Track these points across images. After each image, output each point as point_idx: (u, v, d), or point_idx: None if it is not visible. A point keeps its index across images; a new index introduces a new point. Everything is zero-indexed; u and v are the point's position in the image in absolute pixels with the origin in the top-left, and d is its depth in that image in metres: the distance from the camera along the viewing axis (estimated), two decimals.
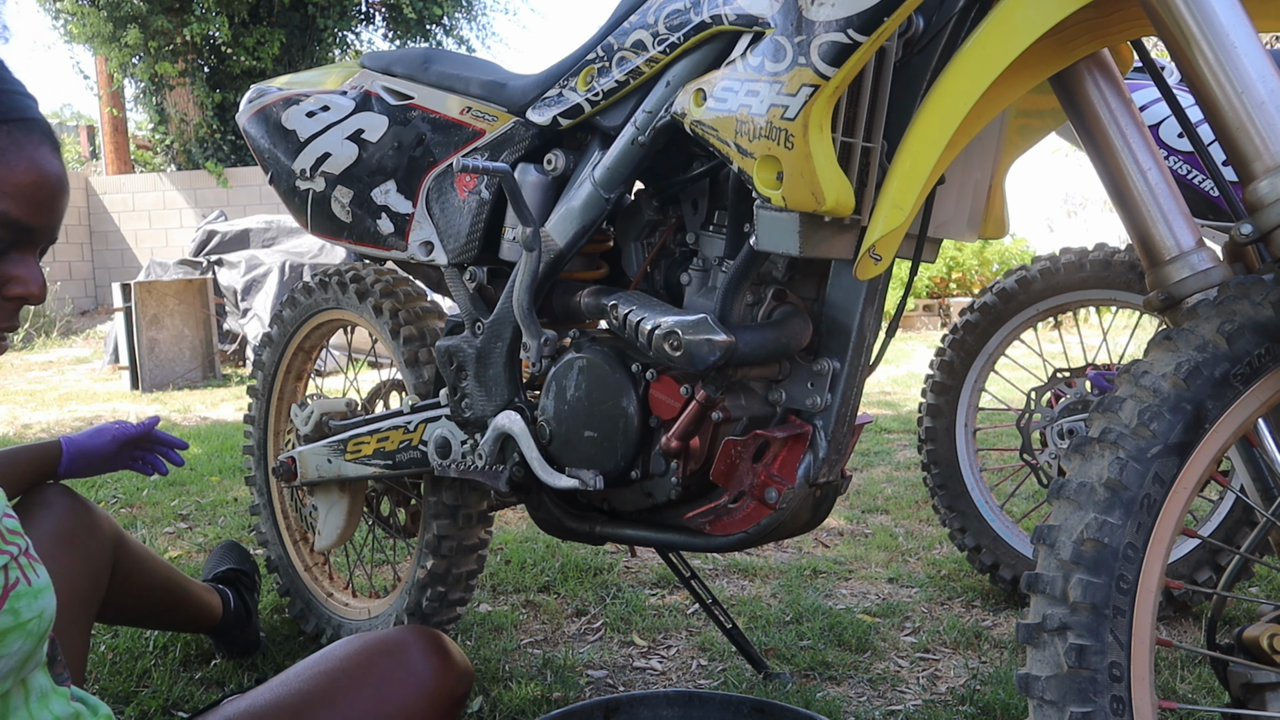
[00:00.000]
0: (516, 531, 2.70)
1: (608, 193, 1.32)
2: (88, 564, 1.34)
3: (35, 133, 0.83)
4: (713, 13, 1.16)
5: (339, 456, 1.72)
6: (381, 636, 1.02)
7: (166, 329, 6.17)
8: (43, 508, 1.35)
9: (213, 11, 10.78)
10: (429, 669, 0.99)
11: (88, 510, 1.40)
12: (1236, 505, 1.88)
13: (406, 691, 0.98)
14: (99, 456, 1.53)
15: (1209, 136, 1.56)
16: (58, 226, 0.87)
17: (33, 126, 0.84)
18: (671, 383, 1.28)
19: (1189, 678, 1.70)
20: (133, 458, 1.60)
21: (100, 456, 1.53)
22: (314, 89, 1.67)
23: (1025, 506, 2.73)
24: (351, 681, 0.96)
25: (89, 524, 1.38)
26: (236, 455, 3.79)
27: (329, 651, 1.01)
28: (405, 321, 1.68)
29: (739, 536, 1.27)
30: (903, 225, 1.07)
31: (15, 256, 0.83)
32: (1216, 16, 0.92)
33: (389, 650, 1.00)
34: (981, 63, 1.01)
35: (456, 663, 1.03)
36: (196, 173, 10.88)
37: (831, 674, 1.76)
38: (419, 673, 0.99)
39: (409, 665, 0.99)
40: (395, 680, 0.97)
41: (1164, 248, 1.05)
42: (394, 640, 1.01)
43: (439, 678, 1.00)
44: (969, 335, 2.18)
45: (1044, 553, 0.88)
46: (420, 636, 1.02)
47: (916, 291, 9.52)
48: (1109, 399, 0.89)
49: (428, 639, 1.02)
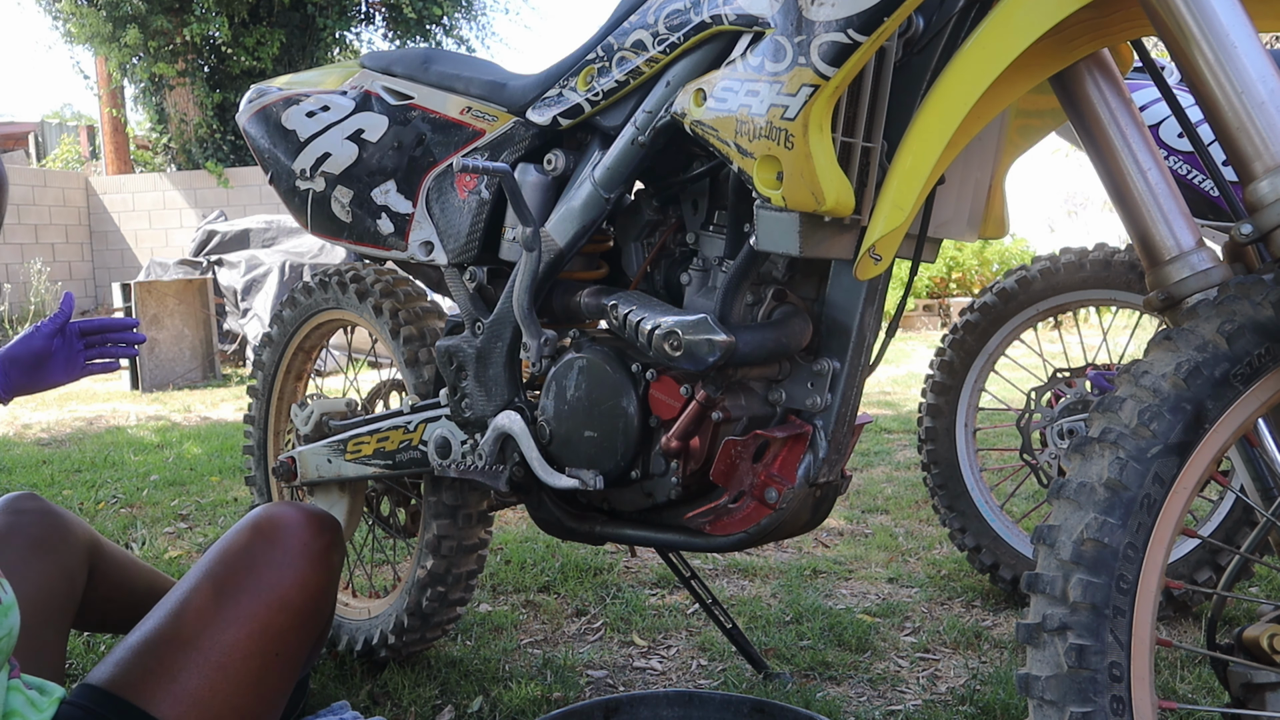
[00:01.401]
0: (516, 531, 2.70)
1: (608, 193, 1.32)
2: (61, 569, 1.34)
3: None
4: (713, 13, 1.16)
5: (339, 456, 1.72)
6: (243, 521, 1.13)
7: (167, 329, 6.17)
8: (14, 514, 1.35)
9: (213, 11, 10.77)
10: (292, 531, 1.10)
11: (59, 517, 1.40)
12: (1236, 505, 1.88)
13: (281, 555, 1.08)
14: (34, 357, 1.40)
15: (1209, 136, 1.56)
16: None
17: None
18: (671, 383, 1.28)
19: (1189, 678, 1.70)
20: (85, 357, 1.47)
21: (35, 356, 1.40)
22: (314, 89, 1.67)
23: (1025, 506, 2.74)
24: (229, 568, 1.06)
25: (61, 529, 1.38)
26: (236, 455, 3.79)
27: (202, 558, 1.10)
28: (405, 321, 1.68)
29: (739, 536, 1.27)
30: (903, 225, 1.07)
31: None
32: (1216, 16, 0.92)
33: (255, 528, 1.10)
34: (981, 63, 1.01)
35: (317, 517, 1.13)
36: (196, 173, 10.88)
37: (831, 674, 1.76)
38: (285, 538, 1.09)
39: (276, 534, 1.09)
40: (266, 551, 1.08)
41: (1164, 248, 1.05)
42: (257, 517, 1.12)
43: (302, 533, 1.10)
44: (969, 335, 2.18)
45: (1044, 553, 0.88)
46: (277, 507, 1.13)
47: (916, 291, 9.52)
48: (1109, 399, 0.89)
49: (284, 506, 1.13)
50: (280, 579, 1.06)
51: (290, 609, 1.05)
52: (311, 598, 1.08)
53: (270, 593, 1.04)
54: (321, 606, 1.11)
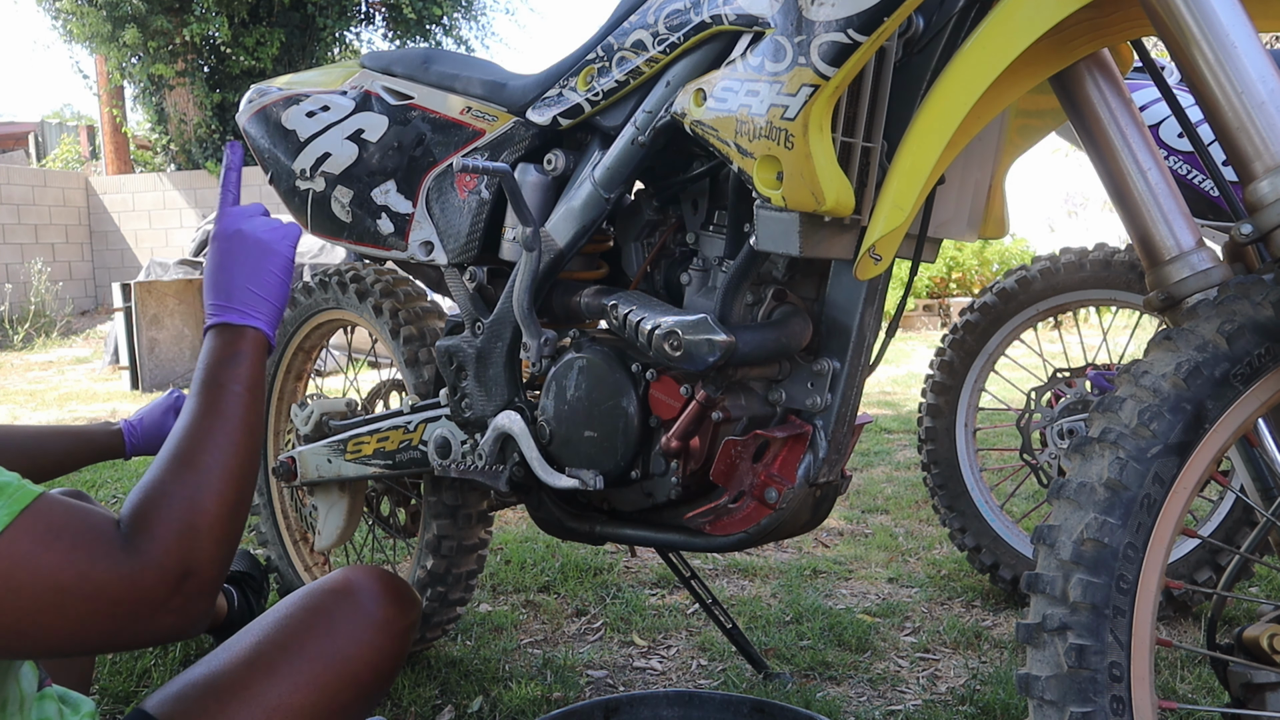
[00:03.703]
0: (516, 531, 2.70)
1: (608, 193, 1.32)
2: None
3: None
4: (713, 13, 1.16)
5: (339, 456, 1.72)
6: (327, 580, 1.04)
7: (167, 329, 6.17)
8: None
9: (212, 11, 10.77)
10: (375, 602, 1.02)
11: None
12: (1236, 505, 1.88)
13: (357, 626, 1.00)
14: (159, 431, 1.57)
15: (1209, 136, 1.56)
16: None
17: None
18: (671, 383, 1.28)
19: (1189, 678, 1.70)
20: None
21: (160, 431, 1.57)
22: (314, 89, 1.67)
23: (1025, 506, 2.73)
24: (303, 626, 0.98)
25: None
26: None
27: (278, 605, 1.03)
28: (405, 321, 1.68)
29: (739, 536, 1.27)
30: (903, 225, 1.07)
31: None
32: (1216, 16, 0.92)
33: (336, 591, 1.02)
34: (981, 63, 1.01)
35: (402, 592, 1.06)
36: (196, 173, 10.88)
37: (831, 674, 1.76)
38: (367, 607, 1.01)
39: (357, 602, 1.01)
40: (345, 618, 1.00)
41: (1164, 248, 1.05)
42: (339, 581, 1.03)
43: (387, 608, 1.02)
44: (969, 335, 2.18)
45: (1044, 553, 0.88)
46: (363, 573, 1.05)
47: (916, 291, 9.51)
48: (1109, 399, 0.89)
49: (371, 574, 1.05)
50: (354, 652, 1.00)
51: (357, 683, 1.00)
52: (380, 676, 1.02)
53: (341, 663, 0.99)
54: (388, 684, 1.05)
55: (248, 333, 0.93)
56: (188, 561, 0.79)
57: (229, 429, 0.86)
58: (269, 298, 0.97)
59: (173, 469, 0.83)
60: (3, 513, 0.73)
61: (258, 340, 0.93)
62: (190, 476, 0.82)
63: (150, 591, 0.77)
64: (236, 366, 0.90)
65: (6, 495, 0.74)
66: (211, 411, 0.86)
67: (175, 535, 0.79)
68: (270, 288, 0.97)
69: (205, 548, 0.80)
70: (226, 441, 0.85)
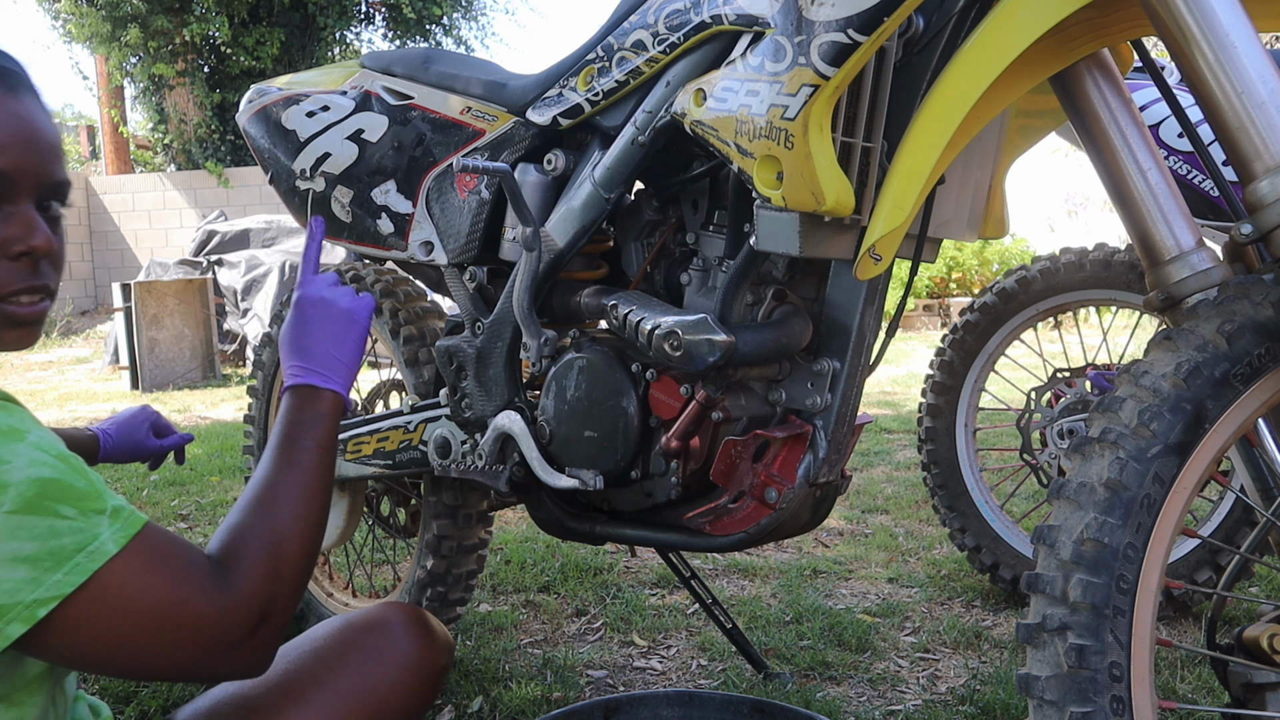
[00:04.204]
0: (516, 531, 2.70)
1: (608, 193, 1.32)
2: None
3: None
4: (713, 13, 1.16)
5: (339, 456, 1.72)
6: (363, 614, 1.05)
7: (166, 329, 6.17)
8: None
9: (212, 11, 10.77)
10: (410, 642, 1.03)
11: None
12: (1236, 505, 1.88)
13: (390, 665, 1.01)
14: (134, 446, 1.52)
15: (1209, 136, 1.56)
16: (46, 172, 0.83)
17: None
18: (671, 383, 1.28)
19: (1189, 678, 1.70)
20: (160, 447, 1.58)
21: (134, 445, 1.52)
22: (314, 89, 1.67)
23: (1025, 506, 2.73)
24: (337, 659, 0.99)
25: None
26: (236, 455, 3.79)
27: (313, 632, 1.04)
28: (405, 321, 1.68)
29: (739, 536, 1.27)
30: (903, 225, 1.07)
31: (7, 209, 0.81)
32: (1216, 16, 0.92)
33: (371, 627, 1.03)
34: (982, 63, 1.01)
35: (437, 635, 1.06)
36: (196, 173, 10.88)
37: (831, 674, 1.76)
38: (401, 646, 1.02)
39: (391, 639, 1.02)
40: (379, 655, 1.01)
41: (1164, 248, 1.05)
42: (375, 617, 1.05)
43: (421, 650, 1.03)
44: (969, 335, 2.18)
45: (1044, 553, 0.88)
46: (400, 612, 1.05)
47: (916, 291, 9.52)
48: (1109, 399, 0.89)
49: (407, 614, 1.05)
50: (386, 692, 1.00)
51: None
52: (408, 718, 1.02)
53: (372, 701, 0.99)
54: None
55: (326, 395, 0.97)
56: (271, 602, 0.82)
57: (307, 481, 0.89)
58: (347, 363, 1.00)
59: (257, 514, 0.86)
60: (119, 535, 0.76)
61: (335, 403, 0.97)
62: (273, 524, 0.85)
63: (235, 628, 0.80)
64: (315, 426, 0.93)
65: (121, 519, 0.77)
66: (291, 465, 0.90)
67: (263, 575, 0.82)
68: (350, 354, 1.01)
69: (285, 591, 0.84)
70: (304, 494, 0.89)
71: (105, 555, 0.75)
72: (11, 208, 0.81)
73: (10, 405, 0.78)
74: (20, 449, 0.75)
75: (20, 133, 0.81)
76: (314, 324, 1.01)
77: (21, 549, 0.73)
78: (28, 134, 0.81)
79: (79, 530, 0.75)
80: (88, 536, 0.75)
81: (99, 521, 0.76)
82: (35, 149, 0.82)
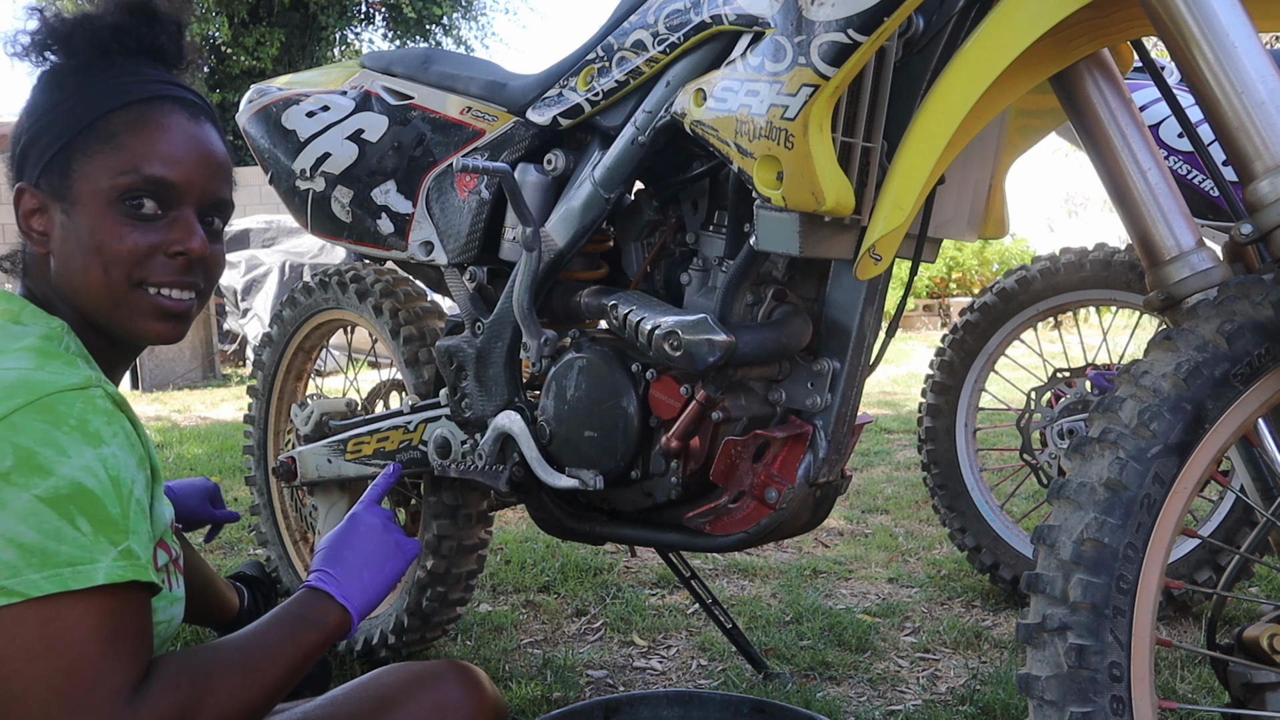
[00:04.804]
0: (516, 531, 2.70)
1: (608, 193, 1.32)
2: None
3: (166, 104, 0.93)
4: (713, 13, 1.16)
5: (339, 456, 1.72)
6: (424, 667, 1.07)
7: None
8: None
9: (212, 11, 10.78)
10: (465, 701, 1.04)
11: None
12: (1236, 505, 1.88)
13: (447, 712, 1.02)
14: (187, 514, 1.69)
15: (1209, 136, 1.56)
16: (212, 189, 0.94)
17: (164, 101, 0.93)
18: (671, 383, 1.28)
19: (1189, 678, 1.70)
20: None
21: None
22: (314, 89, 1.67)
23: (1025, 506, 2.73)
24: (396, 706, 1.00)
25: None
26: (236, 455, 3.79)
27: (376, 676, 1.05)
28: (405, 321, 1.68)
29: (739, 536, 1.27)
30: (903, 225, 1.07)
31: (173, 214, 0.92)
32: (1216, 16, 0.92)
33: (431, 679, 1.04)
34: (981, 63, 1.01)
35: (490, 697, 1.08)
36: None
37: (831, 674, 1.76)
38: (456, 703, 1.03)
39: (446, 696, 1.03)
40: (434, 709, 1.02)
41: (1164, 248, 1.05)
42: (434, 672, 1.06)
43: (474, 711, 1.04)
44: (969, 335, 2.18)
45: (1044, 553, 0.88)
46: (458, 671, 1.07)
47: (916, 291, 9.52)
48: (1109, 399, 0.89)
49: (465, 674, 1.07)
50: None
51: None
52: None
53: None
54: None
55: (335, 612, 0.97)
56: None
57: (269, 667, 0.89)
58: (371, 593, 1.02)
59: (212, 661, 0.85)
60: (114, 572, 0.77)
61: (342, 625, 0.98)
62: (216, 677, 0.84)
63: None
64: (311, 631, 0.94)
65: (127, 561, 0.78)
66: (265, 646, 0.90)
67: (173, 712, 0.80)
68: (378, 586, 1.03)
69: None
70: (258, 674, 0.87)
71: (89, 581, 0.75)
72: (177, 214, 0.92)
73: (118, 415, 0.81)
74: (87, 452, 0.77)
75: (194, 151, 0.93)
76: (359, 541, 1.04)
77: (23, 535, 0.74)
78: (201, 153, 0.94)
79: (82, 547, 0.76)
80: (86, 556, 0.76)
81: (106, 550, 0.77)
82: (205, 167, 0.94)
